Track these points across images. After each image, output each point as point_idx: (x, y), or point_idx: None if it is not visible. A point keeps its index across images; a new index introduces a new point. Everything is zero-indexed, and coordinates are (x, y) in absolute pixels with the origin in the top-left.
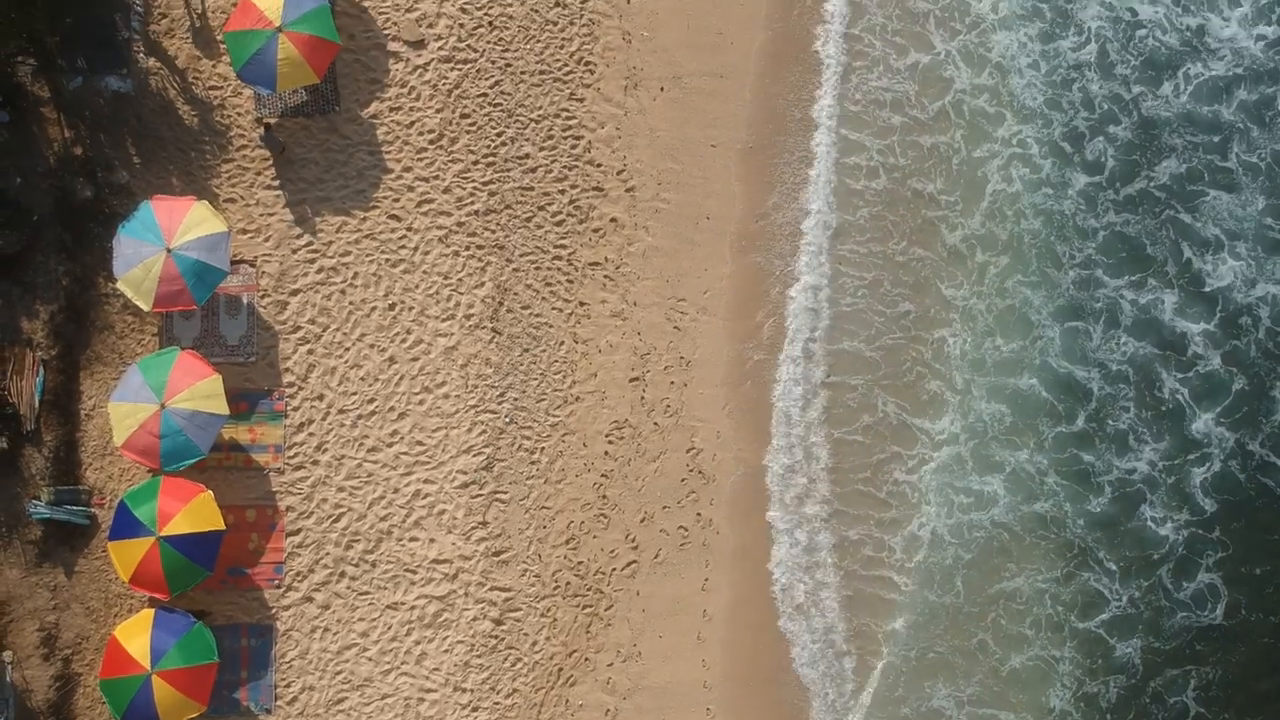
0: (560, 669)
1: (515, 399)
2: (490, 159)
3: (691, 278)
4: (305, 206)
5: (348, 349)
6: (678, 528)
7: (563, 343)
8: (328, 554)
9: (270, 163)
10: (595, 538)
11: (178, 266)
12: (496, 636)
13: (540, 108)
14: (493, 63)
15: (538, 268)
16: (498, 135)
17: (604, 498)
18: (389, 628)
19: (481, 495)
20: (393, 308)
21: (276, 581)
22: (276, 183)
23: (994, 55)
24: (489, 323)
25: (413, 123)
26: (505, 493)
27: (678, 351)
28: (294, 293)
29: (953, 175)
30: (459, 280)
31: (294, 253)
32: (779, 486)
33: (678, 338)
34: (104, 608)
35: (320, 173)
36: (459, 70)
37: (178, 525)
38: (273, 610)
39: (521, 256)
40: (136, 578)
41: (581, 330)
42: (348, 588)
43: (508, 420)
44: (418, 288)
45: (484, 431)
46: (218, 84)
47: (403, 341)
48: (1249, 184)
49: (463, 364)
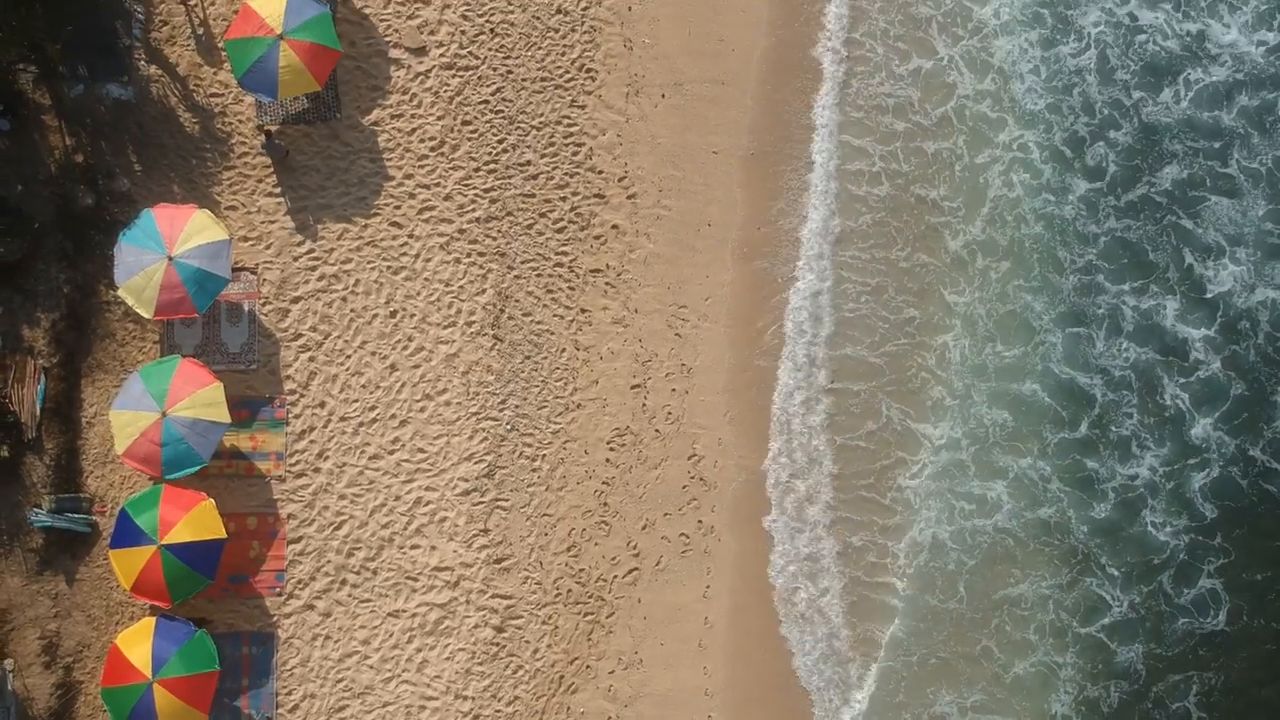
0: (562, 676)
1: (517, 406)
2: (492, 166)
3: (693, 284)
4: (306, 215)
5: (349, 356)
6: (679, 535)
7: (564, 350)
8: (329, 561)
9: (271, 170)
10: (597, 545)
11: (179, 274)
12: (498, 644)
13: (542, 114)
14: (494, 70)
15: (539, 274)
16: (499, 142)
17: (605, 505)
18: (390, 635)
19: (483, 502)
20: (394, 315)
21: (278, 589)
22: (278, 190)
23: (996, 60)
24: (490, 330)
25: (414, 130)
26: (507, 500)
27: (679, 358)
28: (295, 300)
29: (955, 181)
30: (460, 287)
31: (295, 260)
32: (781, 493)
33: (679, 344)
34: (105, 616)
35: (322, 180)
36: (460, 77)
37: (179, 533)
38: (274, 618)
39: (523, 263)
40: (138, 586)
41: (583, 337)
42: (349, 595)
43: (509, 427)
44: (419, 295)
45: (485, 439)
46: (219, 91)
47: (404, 349)
48: (1250, 189)
49: (464, 371)
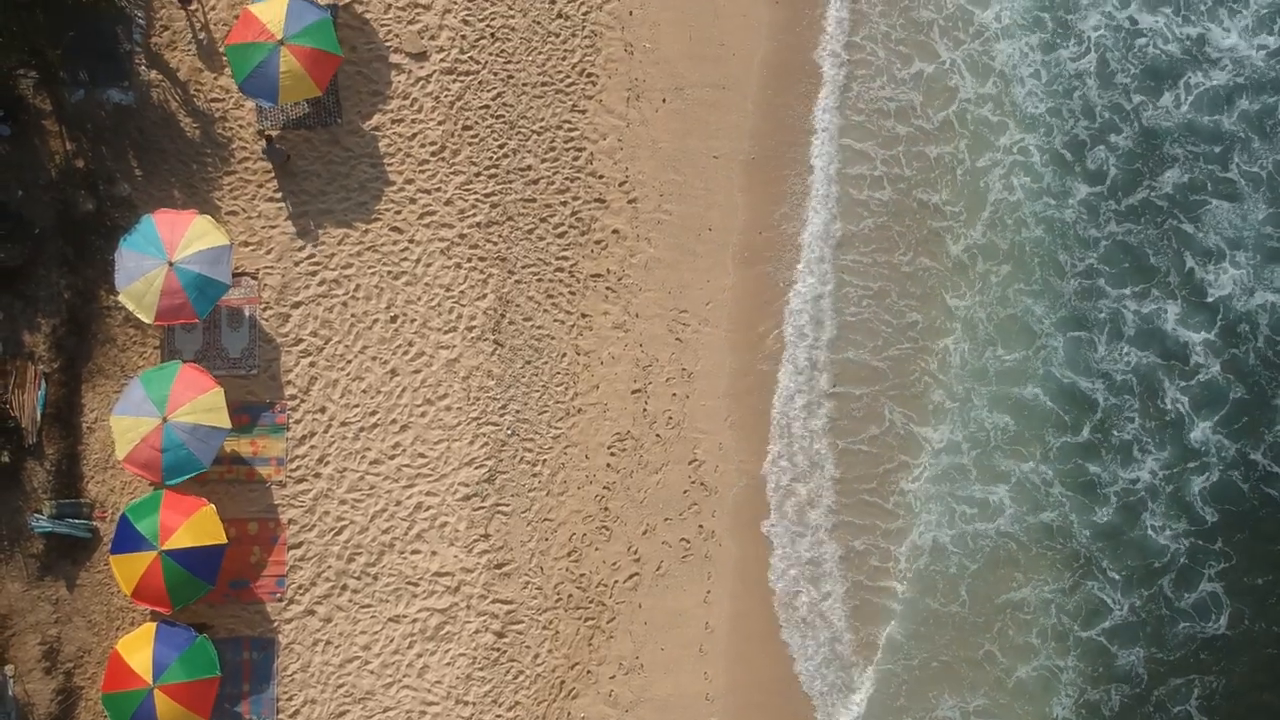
0: (562, 681)
1: (517, 411)
2: (492, 171)
3: (694, 289)
4: (307, 220)
5: (350, 361)
6: (680, 540)
7: (565, 355)
8: (330, 567)
9: (272, 175)
10: (597, 550)
11: (179, 280)
12: (498, 649)
13: (542, 119)
14: (495, 74)
15: (540, 279)
16: (500, 147)
17: (606, 510)
18: (391, 640)
19: (483, 508)
20: (395, 320)
21: (278, 595)
22: (278, 195)
23: (997, 64)
24: (491, 335)
25: (415, 135)
26: (507, 505)
27: (680, 363)
28: (296, 305)
29: (957, 185)
30: (461, 292)
31: (296, 265)
32: (782, 498)
33: (680, 349)
34: (106, 621)
35: (322, 185)
36: (461, 82)
37: (180, 539)
38: (275, 623)
39: (523, 268)
40: (139, 591)
41: (583, 342)
42: (350, 601)
43: (510, 432)
44: (420, 300)
45: (486, 444)
46: (219, 96)
47: (405, 354)
48: (1251, 194)
49: (465, 376)
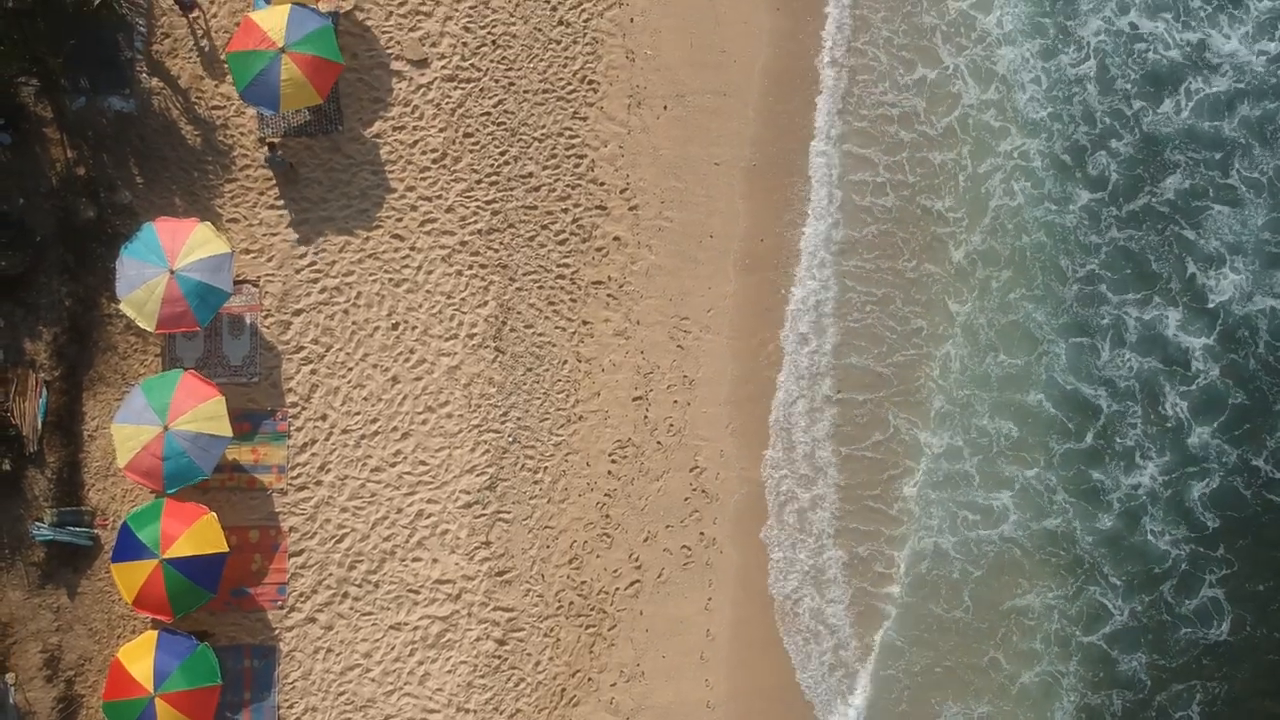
0: (563, 689)
1: (518, 418)
2: (493, 178)
3: (695, 296)
4: (308, 227)
5: (351, 369)
6: (681, 547)
7: (566, 362)
8: (331, 575)
9: (273, 183)
10: (598, 557)
11: (180, 288)
12: (500, 657)
13: (543, 126)
14: (496, 81)
15: (541, 286)
16: (501, 154)
17: (607, 517)
18: (392, 648)
19: (485, 515)
20: (396, 327)
21: (279, 602)
22: (280, 203)
23: (1000, 69)
24: (492, 342)
25: (416, 142)
26: (508, 512)
27: (681, 370)
28: (297, 313)
29: (960, 191)
30: (462, 299)
31: (297, 273)
32: (784, 505)
33: (681, 356)
34: (107, 629)
35: (323, 192)
36: (462, 89)
37: (181, 547)
38: (276, 631)
39: (525, 275)
40: (140, 600)
41: (585, 349)
42: (351, 608)
43: (511, 440)
44: (421, 307)
45: (487, 451)
46: (220, 104)
47: (406, 361)
48: (1252, 199)
49: (466, 383)
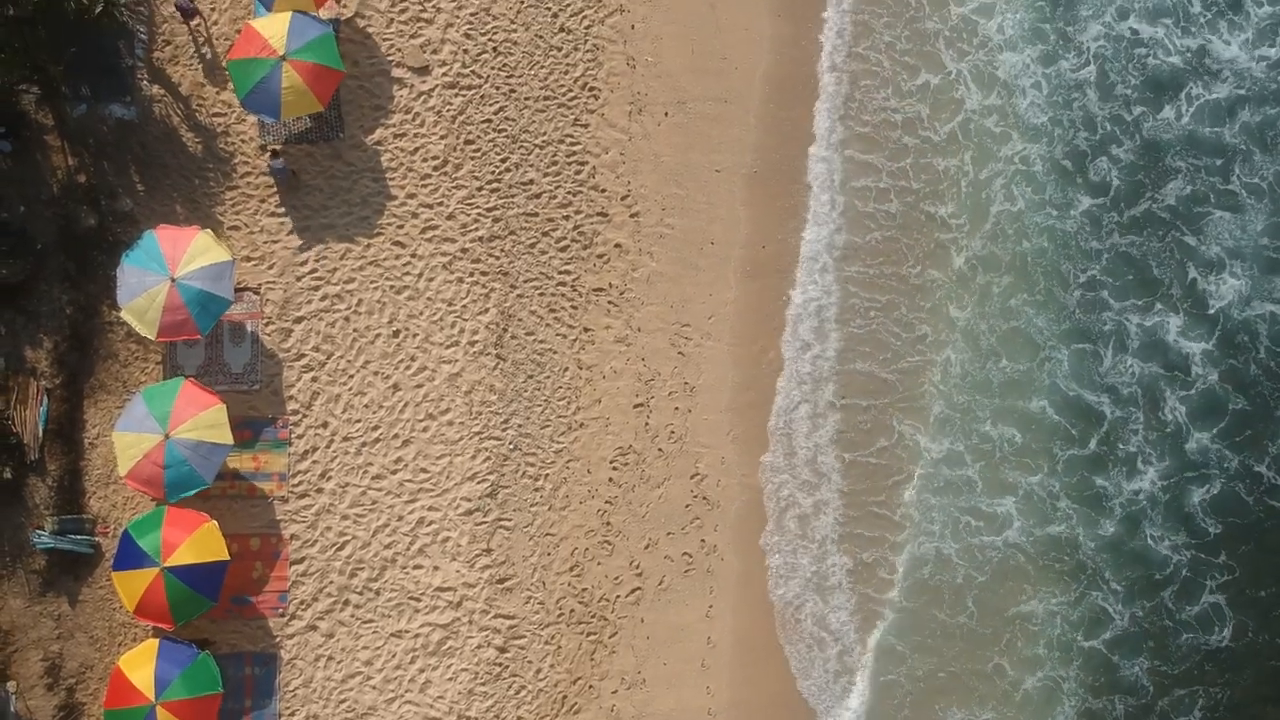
0: (564, 697)
1: (519, 425)
2: (494, 185)
3: (696, 303)
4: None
5: (352, 376)
6: (682, 554)
7: (567, 369)
8: (332, 582)
9: (274, 190)
10: (599, 564)
11: (182, 296)
12: (501, 664)
13: (544, 133)
14: (497, 88)
15: (542, 293)
16: (502, 161)
17: (608, 524)
18: (393, 656)
19: (486, 522)
20: (397, 334)
21: (280, 610)
22: (281, 210)
23: (1002, 75)
24: (493, 349)
25: (417, 149)
26: (509, 520)
27: (682, 377)
28: (298, 320)
29: (962, 197)
30: (463, 306)
31: (298, 280)
32: (786, 512)
33: (682, 363)
34: (108, 637)
35: (324, 199)
36: (463, 96)
37: (182, 556)
38: (277, 639)
39: (526, 282)
40: (141, 608)
41: (586, 356)
42: (352, 616)
43: (512, 447)
44: (422, 314)
45: (488, 458)
46: (221, 111)
47: (407, 368)
48: (1254, 205)
49: (467, 390)
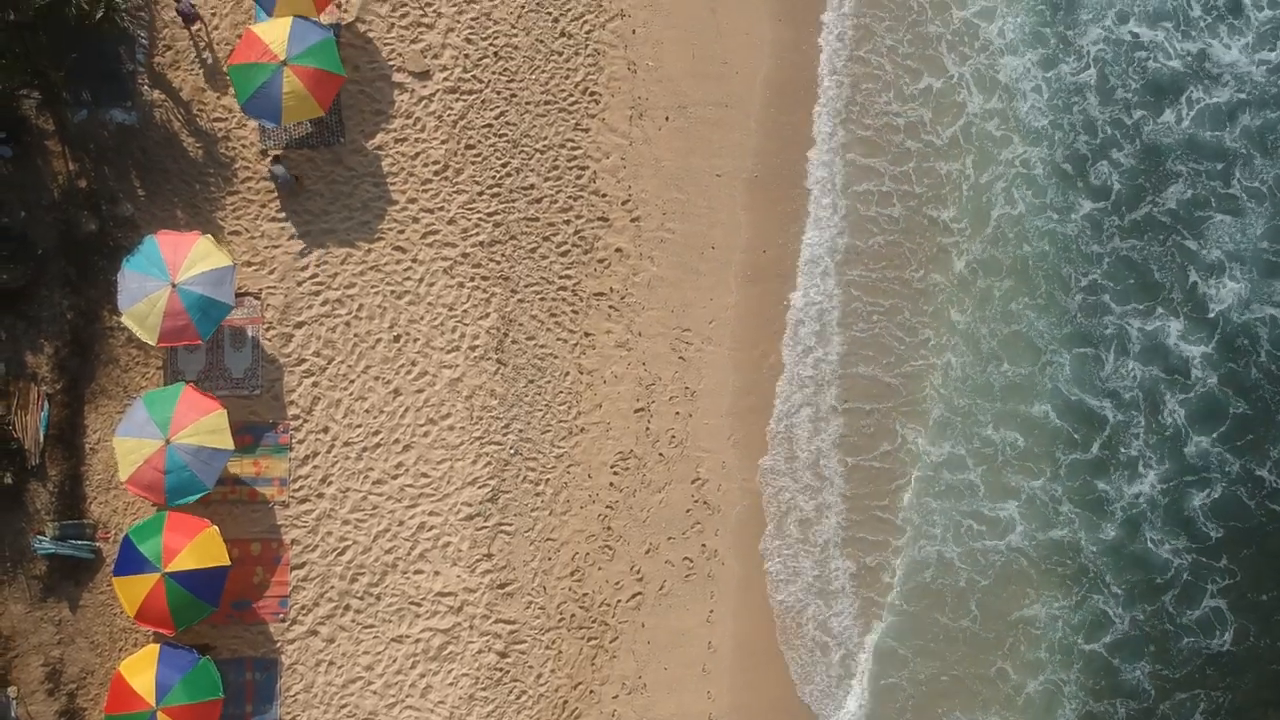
0: (565, 702)
1: (520, 430)
2: (495, 190)
3: (697, 308)
4: (310, 239)
5: (353, 381)
6: (683, 559)
7: (568, 374)
8: (332, 587)
9: (275, 195)
10: (600, 569)
11: (182, 301)
12: (501, 669)
13: (545, 138)
14: (498, 93)
15: (543, 298)
16: (503, 166)
17: (609, 529)
18: (394, 661)
19: (486, 527)
20: (398, 339)
21: (281, 615)
22: (281, 215)
23: (1003, 78)
24: (494, 354)
25: (418, 154)
26: (510, 525)
27: (683, 382)
28: (299, 325)
29: (963, 201)
30: (464, 312)
31: (299, 285)
32: (787, 516)
33: (683, 368)
34: (109, 642)
35: (325, 204)
36: (464, 101)
37: (183, 561)
38: (277, 644)
39: (526, 287)
40: (142, 613)
41: (586, 361)
42: (352, 621)
43: (513, 452)
44: (423, 319)
45: (489, 463)
46: (222, 116)
47: (407, 373)
48: (1254, 209)
49: (468, 395)
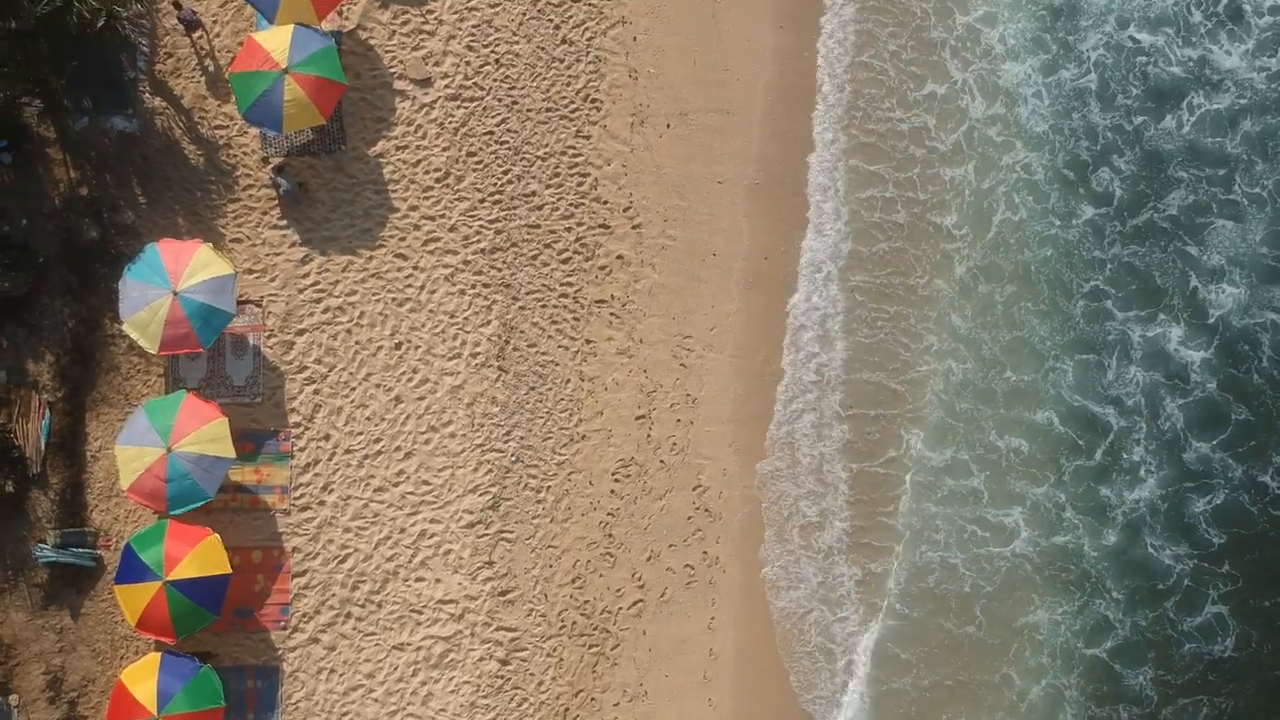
0: (566, 709)
1: (521, 437)
2: (497, 197)
3: (698, 315)
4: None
5: (354, 389)
6: (684, 566)
7: (569, 381)
8: (334, 595)
9: (276, 202)
10: (601, 577)
11: (184, 309)
12: (503, 677)
13: (547, 145)
14: (499, 100)
15: (544, 305)
16: (504, 173)
17: (610, 536)
18: (395, 669)
19: (488, 535)
20: (399, 347)
21: (283, 623)
22: (283, 222)
23: (1004, 84)
24: (495, 361)
25: (419, 161)
26: (511, 532)
27: (684, 389)
28: (300, 332)
29: (965, 207)
30: (465, 319)
31: (300, 293)
32: (788, 522)
33: (684, 375)
34: (110, 650)
35: (327, 212)
36: (465, 108)
37: (184, 569)
38: (279, 651)
39: (528, 294)
40: (143, 622)
41: (588, 368)
42: (354, 629)
43: (514, 459)
44: (424, 326)
45: (490, 470)
46: (224, 123)
47: (409, 381)
48: (1255, 214)
49: (469, 403)
